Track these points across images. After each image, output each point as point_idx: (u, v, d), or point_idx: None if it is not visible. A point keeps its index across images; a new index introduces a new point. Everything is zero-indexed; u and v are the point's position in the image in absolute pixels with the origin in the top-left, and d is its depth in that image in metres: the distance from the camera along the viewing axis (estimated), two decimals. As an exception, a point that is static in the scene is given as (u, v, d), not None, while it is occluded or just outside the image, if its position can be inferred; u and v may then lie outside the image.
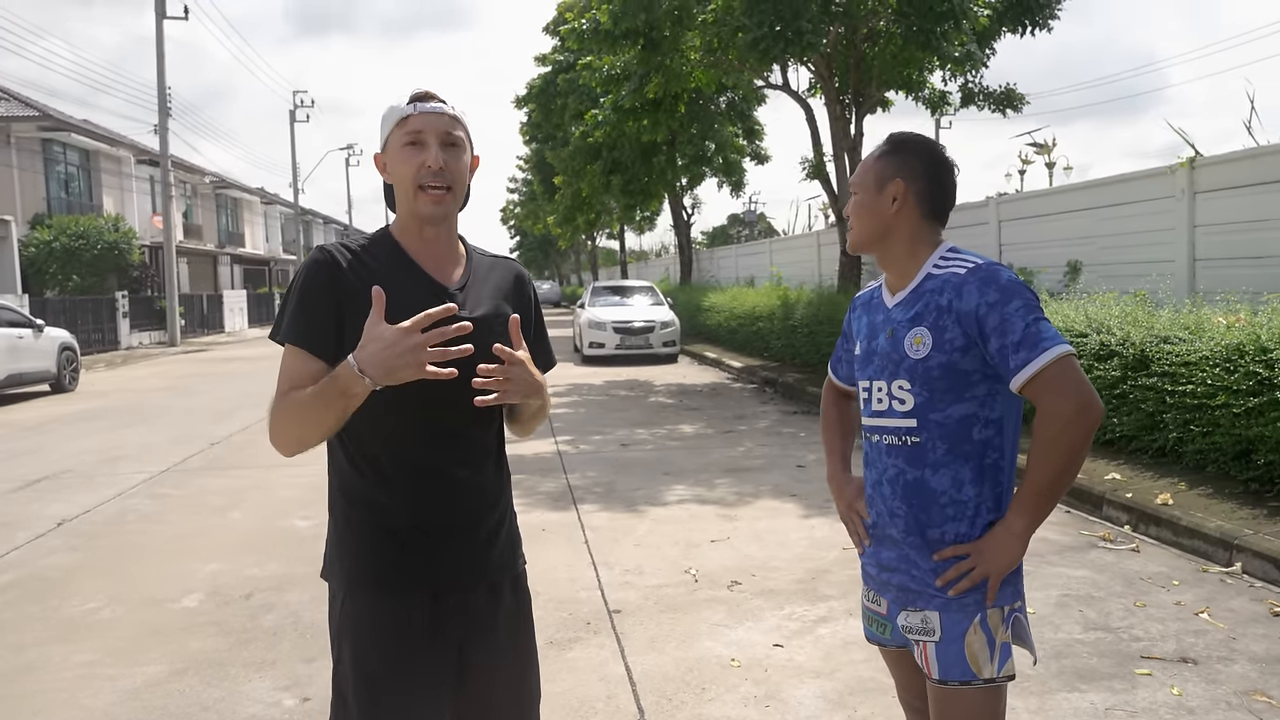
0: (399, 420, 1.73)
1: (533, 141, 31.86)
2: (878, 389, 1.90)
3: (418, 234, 1.80)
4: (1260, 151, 8.01)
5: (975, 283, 1.77)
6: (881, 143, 1.95)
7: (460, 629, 1.80)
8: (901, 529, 1.87)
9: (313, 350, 1.71)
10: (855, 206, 1.92)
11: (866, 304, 2.03)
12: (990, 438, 1.81)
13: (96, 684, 3.62)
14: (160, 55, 26.84)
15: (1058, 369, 1.69)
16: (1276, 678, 3.36)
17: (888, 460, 1.88)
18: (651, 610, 4.26)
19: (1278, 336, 5.20)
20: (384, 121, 1.79)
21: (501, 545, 1.88)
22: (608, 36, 13.73)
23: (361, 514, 1.78)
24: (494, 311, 1.82)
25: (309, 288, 1.73)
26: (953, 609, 1.81)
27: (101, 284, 26.31)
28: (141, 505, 6.64)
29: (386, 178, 1.82)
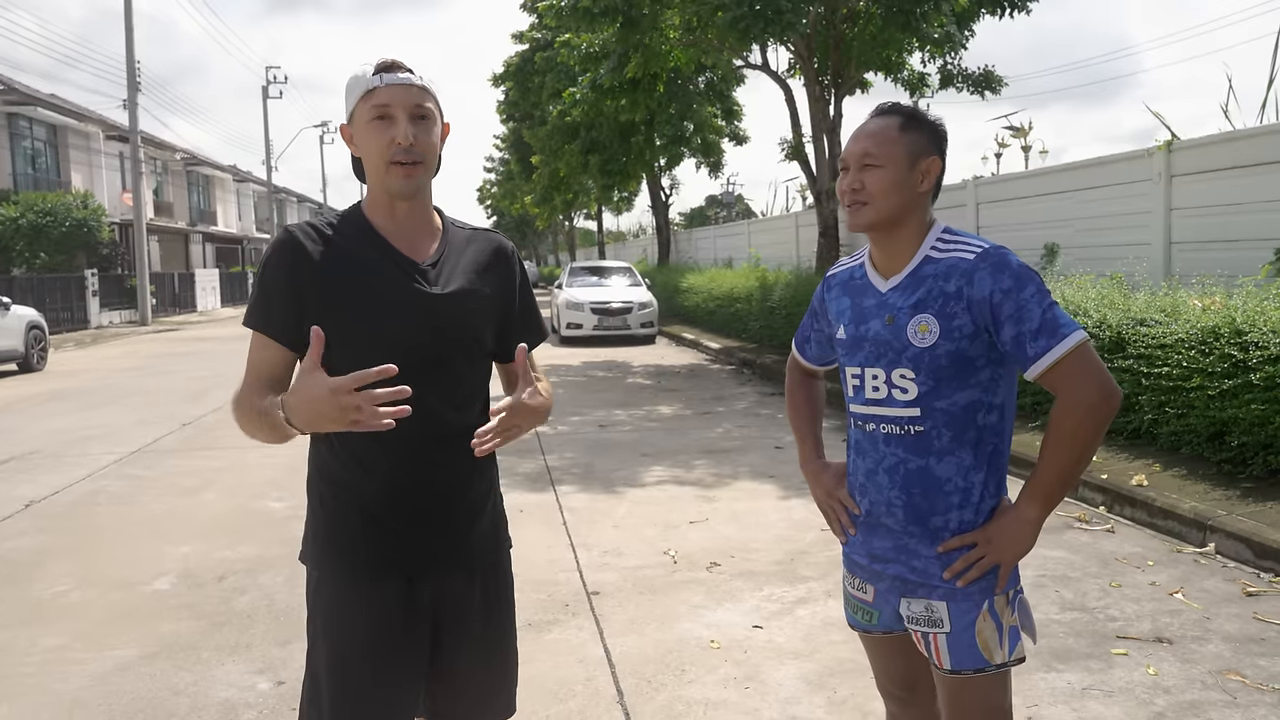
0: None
1: (510, 120, 31.61)
2: (873, 377, 1.82)
3: (388, 208, 1.76)
4: (1236, 135, 8.06)
5: (987, 269, 1.70)
6: (886, 114, 1.81)
7: (436, 613, 1.78)
8: (900, 519, 1.81)
9: (273, 336, 1.71)
10: (881, 179, 1.76)
11: (846, 284, 1.93)
12: (994, 423, 1.78)
13: (65, 668, 3.56)
14: (129, 28, 26.31)
15: (1078, 356, 1.66)
16: (1250, 657, 3.40)
17: (885, 449, 1.82)
18: (630, 592, 4.25)
19: (1252, 319, 5.24)
20: (349, 92, 1.72)
21: (482, 529, 1.84)
22: (586, 14, 13.57)
23: (337, 495, 1.76)
24: (467, 287, 1.77)
25: (270, 272, 1.71)
26: (959, 598, 1.77)
27: (70, 262, 25.87)
28: (112, 486, 6.54)
29: (354, 150, 1.76)
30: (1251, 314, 5.29)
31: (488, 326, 1.81)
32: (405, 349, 1.67)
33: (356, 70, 1.73)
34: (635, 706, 3.14)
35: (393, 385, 1.64)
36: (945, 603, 1.78)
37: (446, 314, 1.73)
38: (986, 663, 1.76)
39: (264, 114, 44.80)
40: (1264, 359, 4.98)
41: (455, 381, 1.77)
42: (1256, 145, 7.63)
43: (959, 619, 1.77)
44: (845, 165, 1.82)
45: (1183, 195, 8.31)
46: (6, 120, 27.78)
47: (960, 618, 1.77)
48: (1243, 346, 5.15)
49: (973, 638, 1.76)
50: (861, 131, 1.82)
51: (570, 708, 3.14)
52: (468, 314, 1.76)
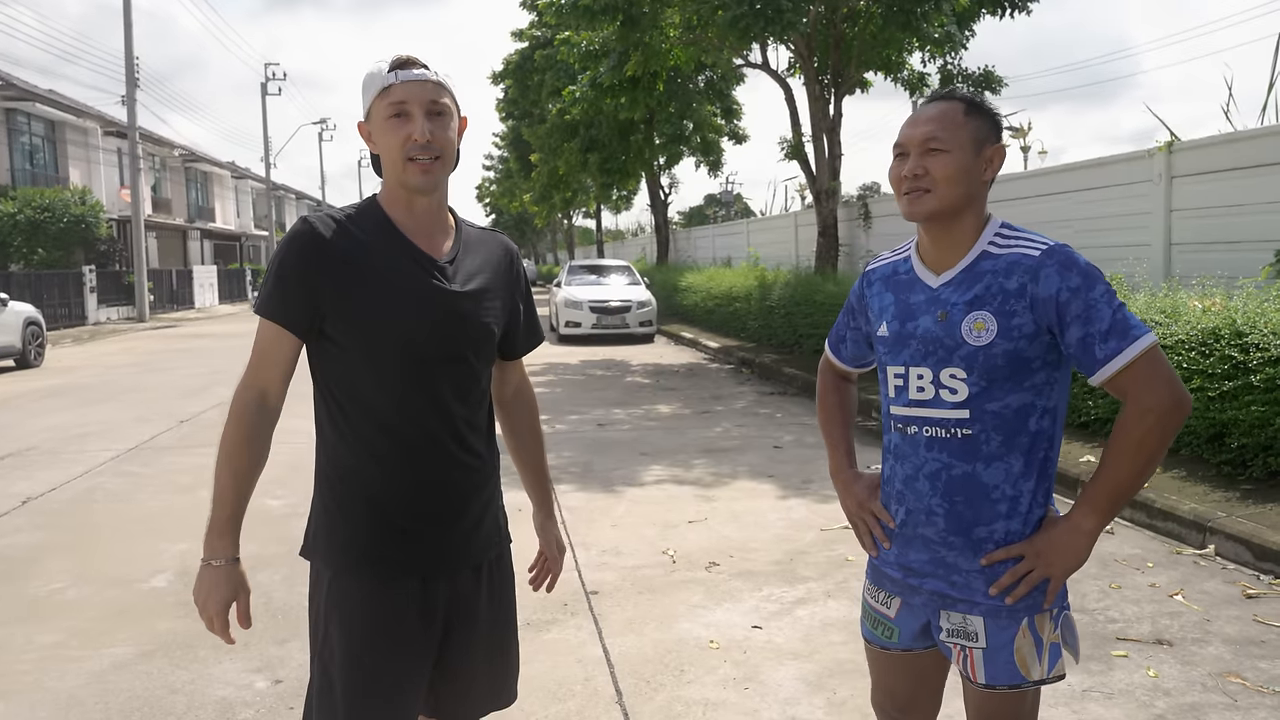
0: (393, 400, 1.72)
1: (509, 118, 31.56)
2: (917, 375, 1.72)
3: (406, 204, 1.76)
4: (1237, 136, 8.06)
5: (1054, 266, 1.61)
6: (947, 99, 1.72)
7: (448, 611, 1.80)
8: (941, 529, 1.72)
9: (285, 324, 1.70)
10: (947, 164, 1.66)
11: (889, 279, 1.83)
12: (1045, 428, 1.68)
13: (61, 665, 3.54)
14: (128, 24, 26.26)
15: (1149, 360, 1.58)
16: (1250, 659, 3.39)
17: (927, 454, 1.72)
18: (629, 591, 4.23)
19: (1253, 321, 5.23)
20: (365, 89, 1.72)
21: (488, 526, 1.87)
22: (586, 12, 13.55)
23: (353, 494, 1.75)
24: (483, 286, 1.80)
25: (287, 261, 1.70)
26: (1000, 615, 1.68)
27: (68, 258, 25.82)
28: (109, 483, 6.52)
29: (372, 147, 1.76)
30: (1252, 315, 5.29)
31: (499, 324, 1.84)
32: (424, 343, 1.71)
33: (372, 68, 1.72)
34: (634, 707, 3.13)
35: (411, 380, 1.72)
36: (983, 618, 1.70)
37: (466, 311, 1.75)
38: (1023, 679, 1.69)
39: (263, 111, 44.70)
40: (1264, 360, 4.97)
41: (471, 378, 1.79)
42: (1257, 146, 7.63)
43: (996, 635, 1.69)
44: (904, 150, 1.72)
45: (1183, 196, 8.31)
46: (5, 116, 27.74)
47: (998, 634, 1.69)
48: (1243, 348, 5.15)
49: (1010, 655, 1.68)
50: (923, 116, 1.72)
51: (569, 708, 3.12)
52: (484, 311, 1.79)
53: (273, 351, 1.71)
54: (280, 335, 1.71)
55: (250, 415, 1.72)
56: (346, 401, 1.73)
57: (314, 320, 1.69)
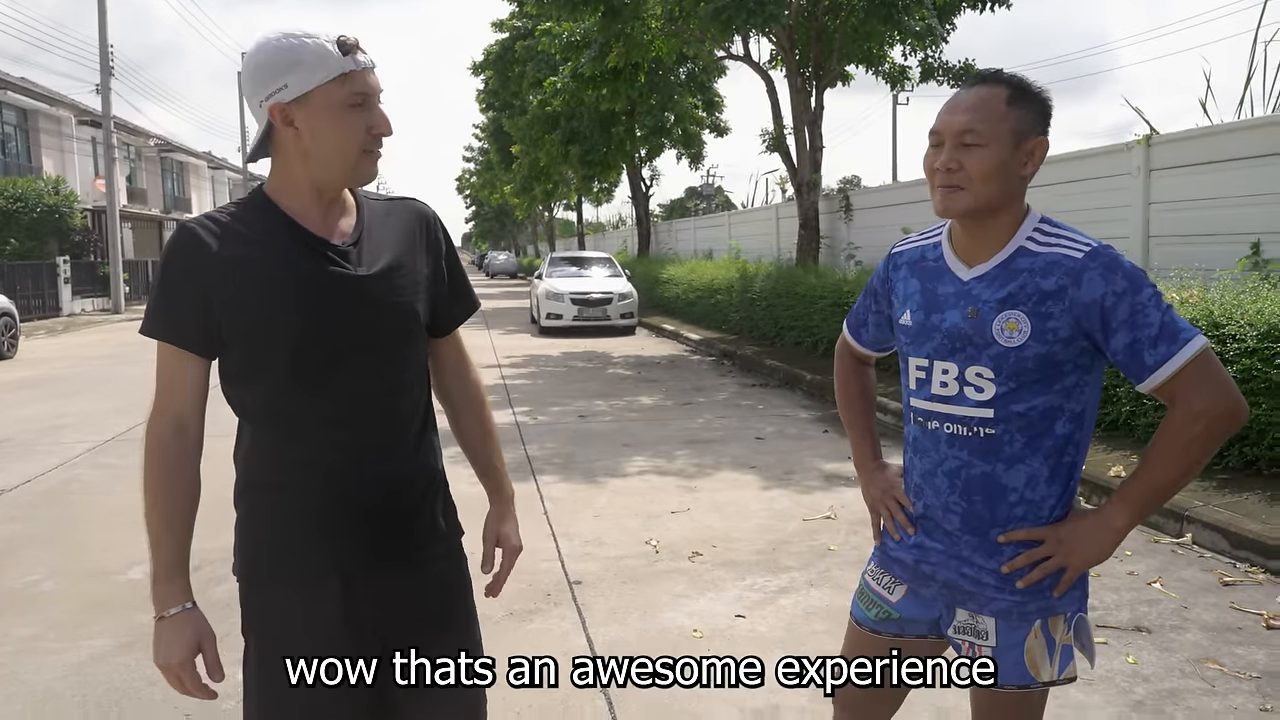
0: (304, 399, 1.58)
1: (490, 109, 31.44)
2: (941, 370, 1.66)
3: (312, 193, 1.59)
4: (1214, 130, 8.12)
5: (1099, 269, 1.54)
6: (991, 83, 1.61)
7: (377, 612, 1.65)
8: (957, 525, 1.68)
9: (181, 343, 1.56)
10: (984, 160, 1.57)
11: (916, 264, 1.76)
12: (1071, 433, 1.62)
13: (38, 658, 3.50)
14: (102, 11, 25.88)
15: (1202, 363, 1.52)
16: (1227, 646, 3.43)
17: (948, 451, 1.67)
18: (612, 581, 4.23)
19: (1230, 312, 5.28)
20: (300, 67, 1.50)
21: (424, 521, 1.71)
22: (568, 2, 13.53)
23: (264, 497, 1.63)
24: (393, 264, 1.64)
25: (173, 274, 1.55)
26: (1011, 615, 1.64)
27: (41, 248, 25.48)
28: (85, 475, 6.45)
29: (291, 133, 1.53)
30: (1229, 307, 5.35)
31: (421, 301, 1.69)
32: (330, 336, 1.57)
33: (302, 41, 1.50)
34: (618, 696, 3.12)
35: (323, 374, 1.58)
36: (994, 619, 1.66)
37: (375, 294, 1.60)
38: (1032, 680, 1.65)
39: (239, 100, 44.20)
40: (1241, 351, 5.03)
41: (398, 366, 1.65)
42: (1234, 140, 7.70)
43: (1007, 635, 1.65)
44: (939, 140, 1.62)
45: (1161, 190, 8.38)
46: (-24, 104, 27.32)
47: (1009, 634, 1.65)
48: (1220, 339, 5.20)
49: (1020, 655, 1.65)
50: (961, 103, 1.61)
51: (554, 697, 3.11)
52: (398, 291, 1.64)
53: (176, 374, 1.57)
54: (179, 356, 1.57)
55: (168, 449, 1.58)
56: (254, 406, 1.60)
57: (211, 332, 1.55)
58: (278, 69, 1.50)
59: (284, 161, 1.59)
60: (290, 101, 1.51)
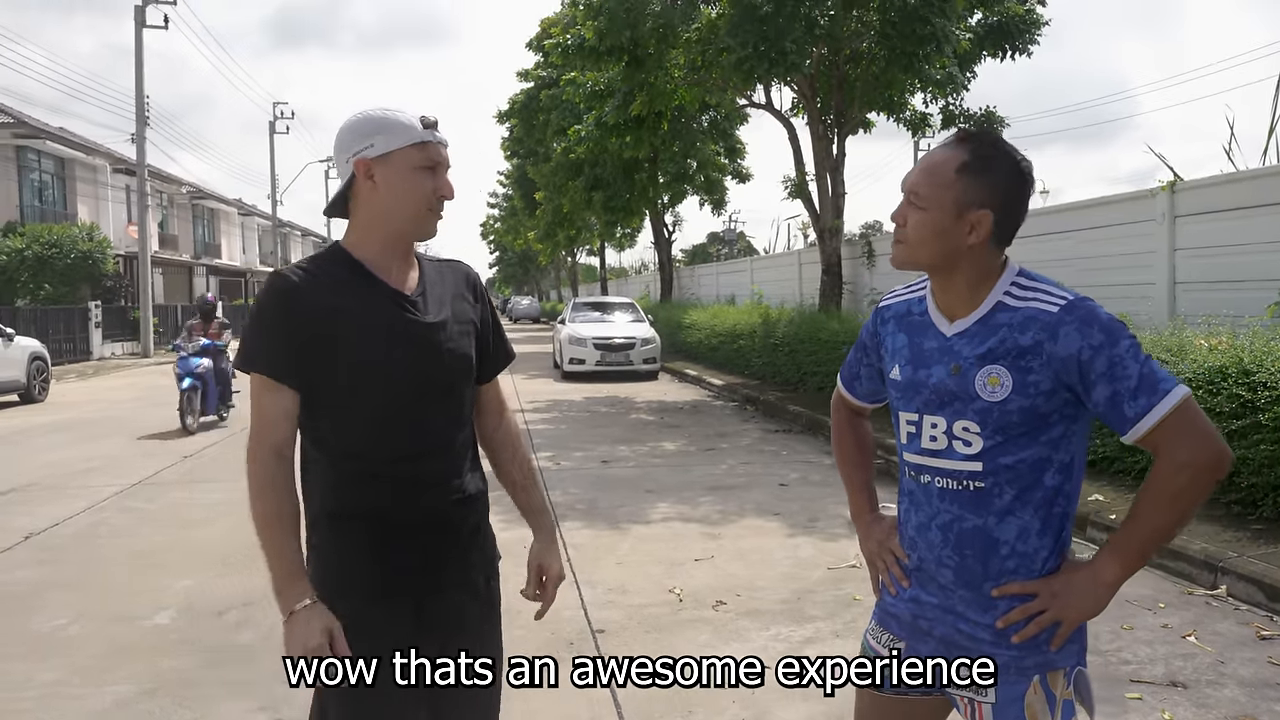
0: (380, 434, 1.78)
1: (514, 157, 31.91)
2: (930, 425, 1.67)
3: (386, 247, 1.82)
4: (1239, 176, 8.11)
5: (1074, 323, 1.55)
6: (958, 144, 1.63)
7: (444, 631, 1.84)
8: (950, 580, 1.68)
9: (277, 376, 1.74)
10: (921, 224, 1.62)
11: (903, 318, 1.78)
12: (1060, 484, 1.62)
13: (62, 704, 3.50)
14: (139, 63, 26.64)
15: (1183, 413, 1.51)
16: (1266, 702, 3.34)
17: (940, 504, 1.67)
18: (635, 630, 4.19)
19: (1260, 359, 5.23)
20: (386, 131, 1.76)
21: (481, 544, 1.93)
22: (592, 53, 13.76)
23: (338, 525, 1.79)
24: (451, 315, 1.88)
25: (266, 314, 1.76)
26: (1010, 671, 1.63)
27: (74, 293, 25.93)
28: (113, 519, 6.49)
29: (369, 186, 1.77)
30: (1259, 354, 5.29)
31: (472, 348, 1.92)
32: (405, 376, 1.78)
33: (392, 114, 1.78)
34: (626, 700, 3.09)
35: (394, 410, 1.78)
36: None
37: (440, 340, 1.83)
38: None
39: (270, 149, 45.25)
40: (1272, 399, 4.96)
41: (459, 403, 1.88)
42: (1260, 187, 7.67)
43: (1006, 690, 1.64)
44: (903, 191, 1.69)
45: (1187, 236, 8.35)
46: (15, 153, 28.01)
47: (1008, 689, 1.64)
48: (1251, 387, 5.14)
49: (1020, 711, 1.63)
50: (922, 161, 1.67)
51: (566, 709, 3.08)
52: (457, 338, 1.87)
53: (274, 408, 1.74)
54: (274, 388, 1.74)
55: (274, 474, 1.73)
56: (333, 440, 1.78)
57: (300, 367, 1.74)
58: (368, 131, 1.77)
59: (361, 217, 1.82)
60: (374, 158, 1.76)
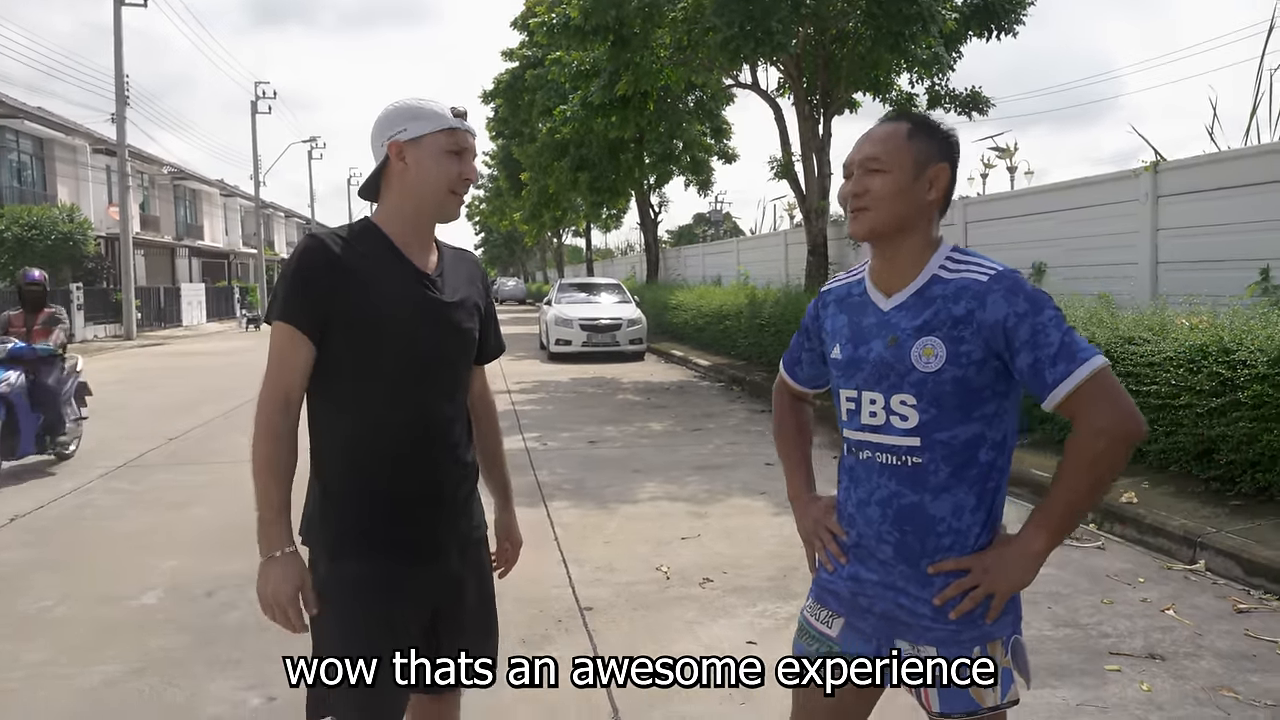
0: (390, 397, 1.88)
1: (499, 137, 31.67)
2: (870, 401, 1.72)
3: (414, 227, 1.93)
4: (1221, 157, 8.16)
5: (1001, 291, 1.62)
6: (896, 120, 1.74)
7: (437, 592, 1.95)
8: (891, 555, 1.72)
9: (300, 327, 1.83)
10: (885, 185, 1.68)
11: (843, 300, 1.83)
12: (994, 460, 1.68)
13: (50, 683, 3.51)
14: (118, 42, 26.30)
15: (1100, 380, 1.57)
16: (1242, 673, 3.41)
17: (879, 480, 1.72)
18: (623, 608, 4.23)
19: (1240, 338, 5.29)
20: (418, 117, 1.88)
21: (471, 513, 2.05)
22: (578, 32, 13.66)
23: (350, 484, 1.89)
24: (465, 297, 2.00)
25: (299, 270, 1.84)
26: (949, 644, 1.68)
27: (55, 275, 25.68)
28: (98, 500, 6.47)
29: (401, 166, 1.89)
30: (1239, 333, 5.34)
31: (477, 330, 2.04)
32: (420, 346, 1.90)
33: (426, 103, 1.91)
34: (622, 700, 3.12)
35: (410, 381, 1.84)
36: (935, 647, 1.69)
37: (455, 319, 1.95)
38: (978, 706, 1.67)
39: (252, 129, 44.79)
40: (1252, 377, 5.02)
41: (456, 380, 1.99)
42: (1241, 167, 7.72)
43: None
44: (849, 171, 1.75)
45: (1169, 216, 8.40)
46: (-8, 133, 27.65)
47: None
48: (1230, 365, 5.20)
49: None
50: (867, 136, 1.75)
51: None
52: (467, 318, 1.99)
53: (290, 354, 1.84)
54: (296, 338, 1.83)
55: (278, 418, 1.83)
56: (348, 397, 1.88)
57: (324, 324, 1.83)
58: (402, 118, 1.89)
59: (392, 196, 1.93)
60: (406, 141, 1.88)
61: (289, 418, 1.84)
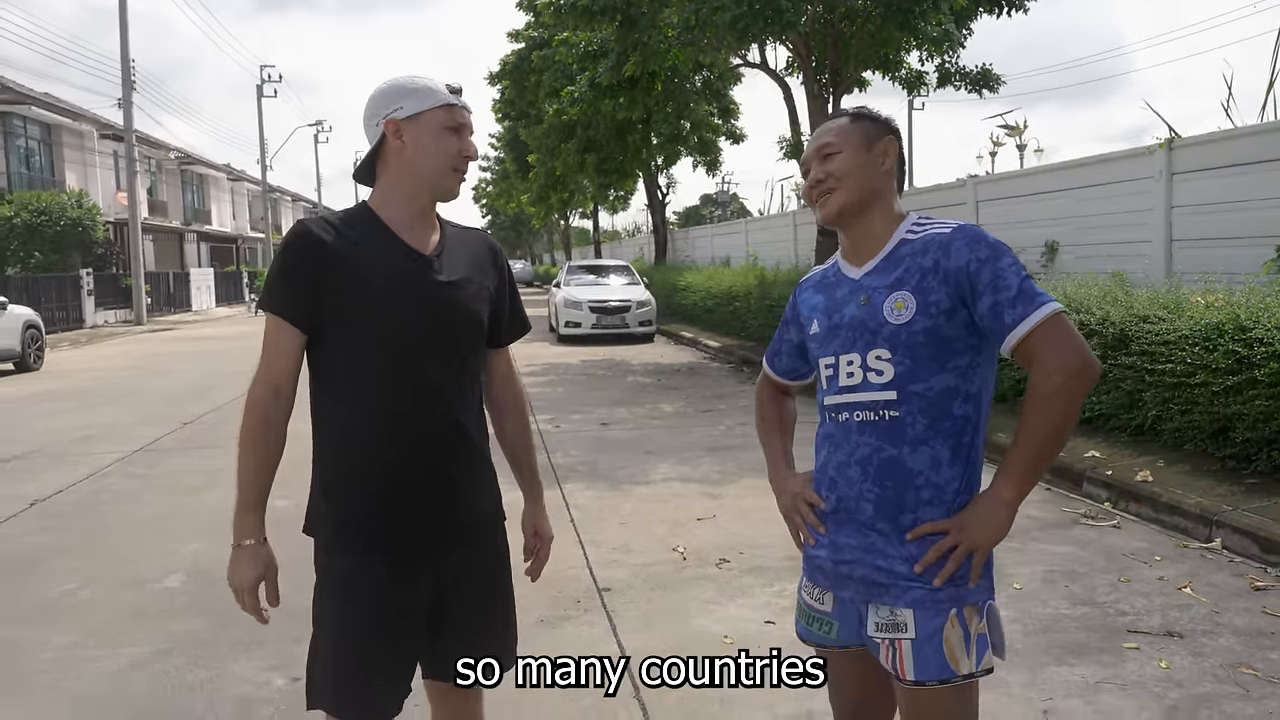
0: (389, 382, 1.84)
1: (505, 119, 31.53)
2: (847, 362, 1.77)
3: (410, 207, 1.89)
4: (1236, 133, 8.09)
5: (964, 240, 1.70)
6: (836, 117, 1.88)
7: (440, 584, 1.91)
8: (871, 513, 1.73)
9: (289, 318, 1.82)
10: (842, 163, 1.79)
11: (819, 284, 1.92)
12: (969, 413, 1.72)
13: (78, 666, 3.55)
14: (124, 26, 26.25)
15: (1055, 323, 1.63)
16: (1261, 650, 3.42)
17: (858, 439, 1.74)
18: (641, 588, 4.25)
19: (1256, 316, 5.26)
20: (414, 95, 1.86)
21: (481, 506, 1.98)
22: (585, 12, 13.59)
23: (349, 473, 1.87)
24: (467, 277, 1.94)
25: (288, 259, 1.82)
26: (926, 604, 1.69)
27: (65, 261, 25.79)
28: (116, 485, 6.53)
29: (398, 145, 1.85)
30: (1255, 310, 5.32)
31: (485, 312, 1.97)
32: (416, 328, 1.84)
33: (420, 80, 1.88)
34: (652, 702, 3.15)
35: (405, 366, 1.83)
36: (912, 609, 1.70)
37: (453, 298, 1.89)
38: (952, 673, 1.68)
39: (258, 113, 44.59)
40: (1268, 355, 5.00)
41: (460, 363, 1.92)
42: (1257, 143, 7.66)
43: (925, 625, 1.69)
44: (806, 167, 1.86)
45: (1183, 193, 8.34)
46: (1, 119, 27.68)
47: (926, 624, 1.69)
48: (1247, 343, 5.18)
49: (939, 645, 1.68)
50: (814, 135, 1.89)
51: (586, 703, 3.14)
52: (470, 299, 1.93)
53: (281, 345, 1.83)
54: (286, 329, 1.82)
55: (265, 407, 1.83)
56: (344, 386, 1.85)
57: (315, 313, 1.81)
58: (397, 95, 1.86)
59: (388, 176, 1.89)
60: (403, 119, 1.84)
61: (279, 407, 1.84)
